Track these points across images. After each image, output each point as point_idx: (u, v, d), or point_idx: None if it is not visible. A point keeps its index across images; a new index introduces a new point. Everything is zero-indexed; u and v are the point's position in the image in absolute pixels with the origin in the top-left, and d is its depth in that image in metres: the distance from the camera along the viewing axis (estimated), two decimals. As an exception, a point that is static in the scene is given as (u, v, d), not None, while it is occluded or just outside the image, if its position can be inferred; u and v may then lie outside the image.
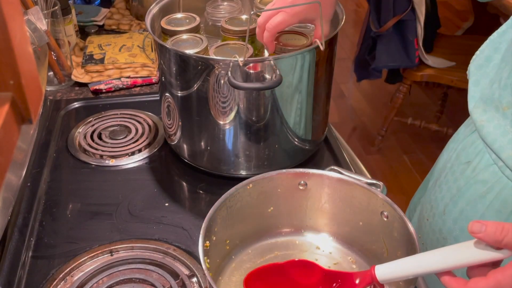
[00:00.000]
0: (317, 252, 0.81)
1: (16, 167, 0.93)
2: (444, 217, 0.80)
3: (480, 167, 0.74)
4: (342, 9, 0.94)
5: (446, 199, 0.79)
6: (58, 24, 1.25)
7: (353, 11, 3.92)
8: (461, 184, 0.77)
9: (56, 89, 1.28)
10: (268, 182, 0.79)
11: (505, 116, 0.69)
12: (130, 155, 1.06)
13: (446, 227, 0.79)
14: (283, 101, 0.89)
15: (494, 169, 0.72)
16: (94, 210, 0.94)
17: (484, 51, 0.77)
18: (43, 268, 0.82)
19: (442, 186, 0.82)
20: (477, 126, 0.74)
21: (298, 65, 0.86)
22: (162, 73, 0.93)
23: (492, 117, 0.72)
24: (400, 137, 2.78)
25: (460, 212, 0.77)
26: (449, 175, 0.80)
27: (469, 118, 0.83)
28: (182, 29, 0.96)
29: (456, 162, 0.80)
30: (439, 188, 0.82)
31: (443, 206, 0.80)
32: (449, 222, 0.79)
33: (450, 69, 2.33)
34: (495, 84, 0.72)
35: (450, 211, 0.79)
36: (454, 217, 0.78)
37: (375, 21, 2.28)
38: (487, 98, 0.73)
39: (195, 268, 0.81)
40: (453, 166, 0.80)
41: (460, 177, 0.77)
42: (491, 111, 0.72)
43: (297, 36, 0.93)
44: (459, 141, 0.82)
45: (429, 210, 0.84)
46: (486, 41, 0.77)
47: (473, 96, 0.76)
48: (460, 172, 0.78)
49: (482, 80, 0.76)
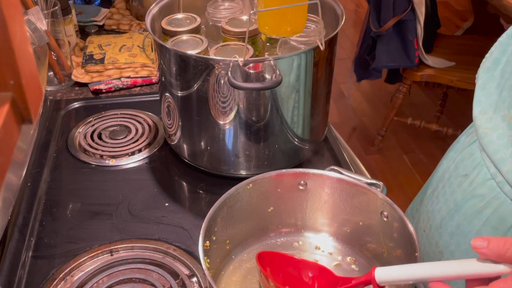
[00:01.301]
0: (317, 252, 0.82)
1: (16, 167, 0.93)
2: (441, 230, 0.78)
3: (477, 181, 0.72)
4: (342, 9, 0.94)
5: (443, 212, 0.78)
6: (58, 24, 1.25)
7: (353, 11, 3.92)
8: (458, 197, 0.75)
9: (56, 89, 1.28)
10: (268, 182, 0.79)
11: (510, 126, 0.67)
12: (130, 155, 1.06)
13: (443, 241, 0.78)
14: (283, 101, 0.89)
15: (491, 184, 0.69)
16: (94, 210, 0.94)
17: (493, 53, 0.73)
18: (43, 268, 0.82)
19: (439, 198, 0.80)
20: (479, 134, 0.71)
21: (298, 65, 0.86)
22: (162, 73, 0.93)
23: (497, 126, 0.69)
24: (400, 137, 2.78)
25: (456, 226, 0.75)
26: (447, 186, 0.79)
27: (470, 126, 0.81)
28: (183, 29, 0.96)
29: (454, 174, 0.78)
30: (437, 199, 0.81)
31: (440, 219, 0.79)
32: (446, 236, 0.77)
33: (450, 69, 2.33)
34: (504, 91, 0.69)
35: (446, 225, 0.77)
36: (450, 231, 0.76)
37: (375, 21, 2.27)
38: (496, 106, 0.70)
39: (195, 268, 0.81)
40: (450, 178, 0.78)
41: (457, 190, 0.76)
42: (497, 119, 0.69)
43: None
44: (459, 151, 0.80)
45: (426, 221, 0.82)
46: (495, 43, 0.73)
47: (479, 101, 0.72)
48: (457, 184, 0.76)
49: (488, 84, 0.72)
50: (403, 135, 2.79)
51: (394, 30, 2.25)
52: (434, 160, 0.92)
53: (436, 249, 0.79)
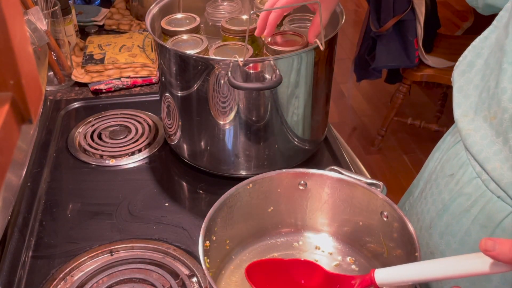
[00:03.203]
0: (317, 252, 0.82)
1: (16, 167, 0.93)
2: (431, 231, 0.79)
3: (463, 180, 0.73)
4: (342, 9, 0.94)
5: (432, 213, 0.79)
6: (58, 24, 1.25)
7: (353, 11, 3.92)
8: (445, 197, 0.76)
9: (56, 89, 1.28)
10: (268, 182, 0.79)
11: (491, 126, 0.68)
12: (130, 155, 1.06)
13: (433, 241, 0.79)
14: (283, 101, 0.89)
15: (477, 182, 0.70)
16: (94, 210, 0.94)
17: (466, 57, 0.76)
18: (43, 268, 0.82)
19: (427, 199, 0.81)
20: (462, 135, 0.72)
21: (298, 65, 0.86)
22: (162, 73, 0.93)
23: (479, 127, 0.70)
24: (400, 137, 2.78)
25: (445, 226, 0.76)
26: (434, 187, 0.80)
27: (454, 126, 0.82)
28: (182, 29, 0.96)
29: (440, 174, 0.79)
30: (425, 200, 0.82)
31: (429, 219, 0.79)
32: (436, 236, 0.78)
33: (450, 69, 2.31)
34: (484, 93, 0.71)
35: (436, 225, 0.78)
36: (440, 231, 0.77)
37: (375, 21, 2.27)
38: (477, 107, 0.72)
39: (195, 268, 0.81)
40: (437, 178, 0.80)
41: (444, 190, 0.77)
42: (479, 120, 0.71)
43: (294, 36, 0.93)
44: (444, 151, 0.82)
45: (416, 223, 0.83)
46: (469, 47, 0.77)
47: (458, 103, 0.75)
48: (444, 184, 0.77)
49: (465, 86, 0.75)
50: (403, 135, 2.79)
51: (394, 30, 2.25)
52: (434, 160, 0.92)
53: (427, 249, 0.80)
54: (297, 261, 0.71)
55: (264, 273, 0.69)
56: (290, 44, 0.90)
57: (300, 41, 0.91)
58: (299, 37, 0.92)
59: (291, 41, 0.92)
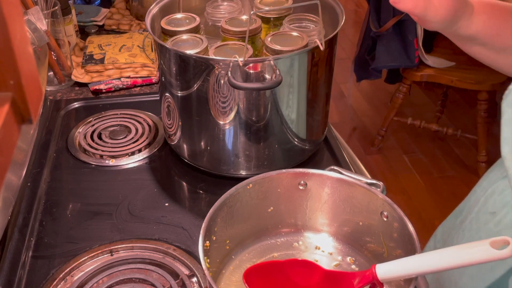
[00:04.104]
0: (317, 252, 0.82)
1: (16, 167, 0.93)
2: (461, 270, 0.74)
3: (505, 222, 0.67)
4: (342, 9, 0.94)
5: None
6: (58, 24, 1.25)
7: (353, 11, 3.92)
8: (482, 236, 0.71)
9: (56, 89, 1.28)
10: (268, 182, 0.79)
11: None
12: (130, 155, 1.06)
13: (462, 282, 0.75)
14: (283, 101, 0.89)
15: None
16: (94, 210, 0.94)
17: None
18: (43, 268, 0.82)
19: (465, 232, 0.76)
20: (509, 174, 0.64)
21: (298, 65, 0.86)
22: (162, 73, 0.93)
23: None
24: (400, 137, 2.78)
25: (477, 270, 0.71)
26: (473, 222, 0.75)
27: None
28: (182, 29, 0.96)
29: (482, 209, 0.73)
30: (462, 233, 0.77)
31: None
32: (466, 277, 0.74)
33: (450, 69, 2.33)
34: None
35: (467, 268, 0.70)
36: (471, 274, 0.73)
37: (375, 21, 2.27)
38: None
39: (195, 268, 0.81)
40: (479, 212, 0.74)
41: (482, 228, 0.71)
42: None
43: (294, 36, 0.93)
44: (491, 183, 0.75)
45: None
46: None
47: (506, 138, 0.64)
48: (484, 222, 0.72)
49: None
50: (403, 135, 2.79)
51: (394, 30, 2.25)
52: (434, 160, 0.92)
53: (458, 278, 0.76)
54: (295, 261, 0.71)
55: (263, 277, 0.69)
56: (290, 44, 0.90)
57: (300, 41, 0.91)
58: (299, 37, 0.92)
59: (291, 41, 0.91)
